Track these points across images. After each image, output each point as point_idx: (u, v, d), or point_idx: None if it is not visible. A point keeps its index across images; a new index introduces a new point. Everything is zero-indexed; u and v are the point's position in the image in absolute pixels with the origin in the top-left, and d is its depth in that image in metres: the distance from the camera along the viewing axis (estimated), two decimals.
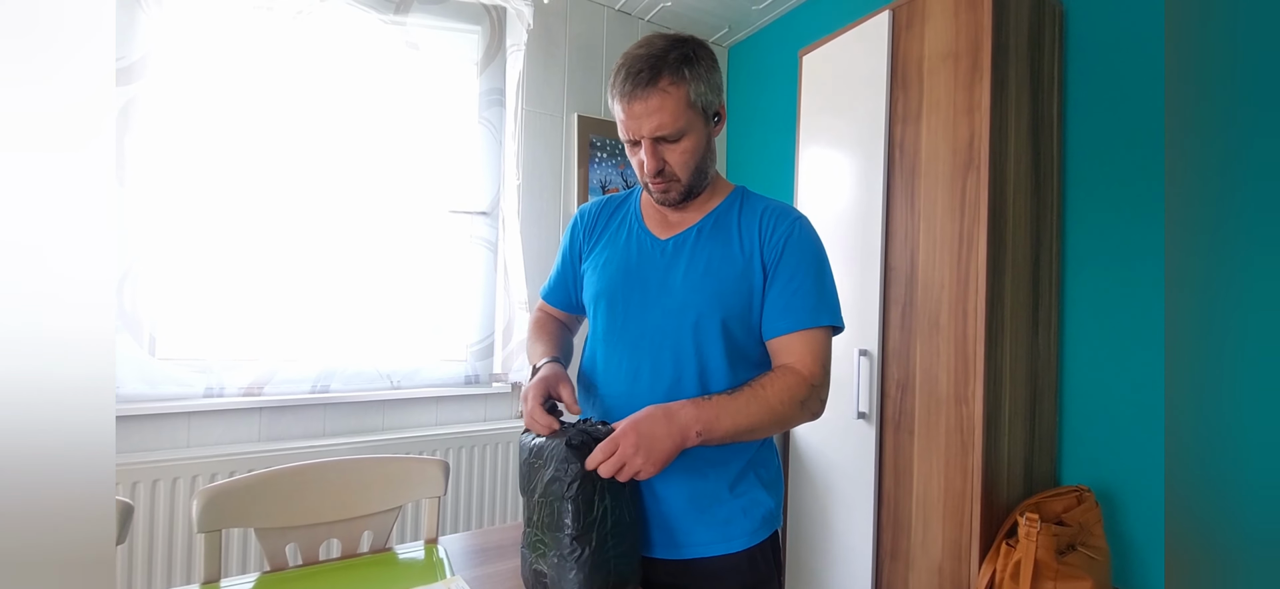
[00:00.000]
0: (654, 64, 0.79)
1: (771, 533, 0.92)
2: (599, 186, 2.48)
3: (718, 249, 0.89)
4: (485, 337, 2.24)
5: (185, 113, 1.76)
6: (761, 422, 0.82)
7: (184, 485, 1.68)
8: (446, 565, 1.06)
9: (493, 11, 2.23)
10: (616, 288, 0.92)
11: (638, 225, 0.95)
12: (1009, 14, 1.45)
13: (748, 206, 0.92)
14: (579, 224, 1.03)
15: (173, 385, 1.74)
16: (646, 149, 0.82)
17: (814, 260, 0.89)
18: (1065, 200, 1.59)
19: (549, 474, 0.79)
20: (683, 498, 0.88)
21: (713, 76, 0.85)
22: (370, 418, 2.05)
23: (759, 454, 0.93)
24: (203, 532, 1.03)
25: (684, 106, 0.81)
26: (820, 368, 0.85)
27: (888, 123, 1.64)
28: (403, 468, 1.22)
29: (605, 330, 0.93)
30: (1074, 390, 1.56)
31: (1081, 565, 1.29)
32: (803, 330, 0.85)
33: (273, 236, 1.89)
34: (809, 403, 0.85)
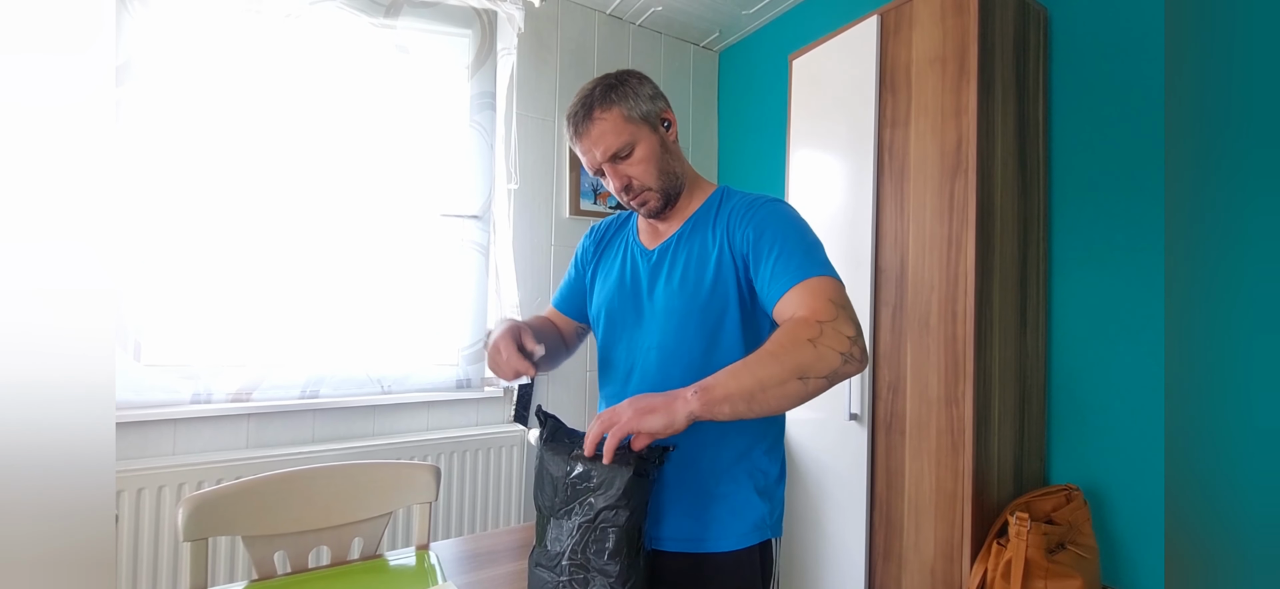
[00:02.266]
0: (585, 102, 0.90)
1: (762, 540, 0.89)
2: (591, 190, 2.48)
3: (695, 252, 0.91)
4: (476, 341, 2.23)
5: (171, 115, 1.74)
6: (767, 372, 0.73)
7: (170, 493, 1.66)
8: (438, 572, 1.05)
9: (483, 15, 2.23)
10: (613, 302, 0.98)
11: (633, 239, 1.02)
12: (995, 18, 1.46)
13: (724, 204, 0.93)
14: (588, 241, 1.11)
15: (159, 392, 1.71)
16: (608, 171, 0.91)
17: (793, 229, 0.86)
18: (1051, 202, 1.61)
19: (605, 500, 0.76)
20: (668, 490, 0.88)
21: (642, 89, 0.91)
22: (360, 423, 2.03)
23: (754, 458, 0.91)
24: (188, 540, 1.01)
25: (621, 123, 0.89)
26: (826, 304, 0.77)
27: (877, 126, 1.66)
28: (393, 473, 1.21)
29: (604, 342, 1.00)
30: (1062, 390, 1.58)
31: (1071, 564, 1.30)
32: (796, 285, 0.80)
33: (261, 241, 1.87)
34: (825, 341, 0.74)
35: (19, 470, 0.42)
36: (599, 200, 2.51)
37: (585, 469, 0.77)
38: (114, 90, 1.64)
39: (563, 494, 0.79)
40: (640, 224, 1.03)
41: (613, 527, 0.75)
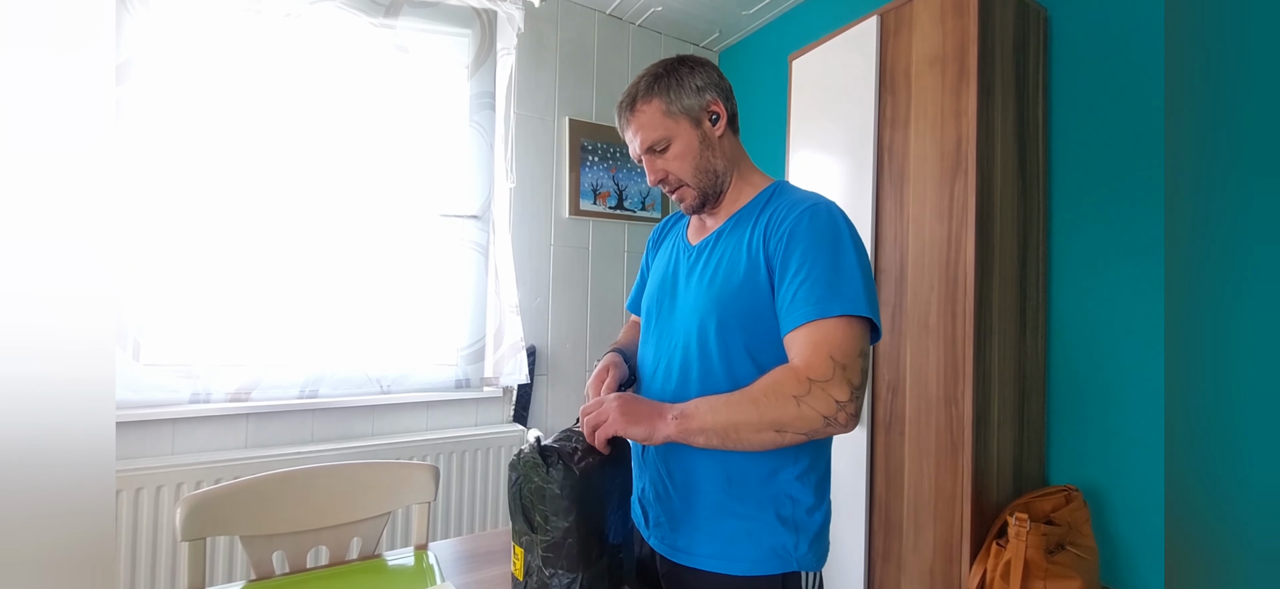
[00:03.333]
0: (630, 93, 0.91)
1: (782, 572, 0.82)
2: (590, 190, 2.48)
3: (730, 250, 0.87)
4: (476, 341, 2.23)
5: (170, 115, 1.74)
6: (744, 415, 0.74)
7: (169, 493, 1.66)
8: (436, 572, 1.05)
9: (483, 15, 2.23)
10: (655, 295, 0.98)
11: (682, 236, 1.01)
12: (994, 19, 1.46)
13: (771, 203, 0.88)
14: (651, 240, 1.13)
15: (158, 392, 1.71)
16: (646, 163, 0.91)
17: (824, 247, 0.78)
18: (1051, 203, 1.61)
19: (554, 505, 0.78)
20: (687, 501, 0.87)
21: (691, 80, 0.89)
22: (359, 423, 2.03)
23: (780, 484, 0.84)
24: (186, 540, 1.01)
25: (660, 117, 0.88)
26: (824, 360, 0.73)
27: (876, 127, 1.66)
28: (392, 473, 1.21)
29: (644, 334, 1.00)
30: (1061, 391, 1.58)
31: (1071, 564, 1.30)
32: (807, 324, 0.76)
33: (261, 240, 1.87)
34: (810, 401, 0.73)
35: (19, 470, 0.42)
36: (599, 200, 2.51)
37: (536, 485, 0.78)
38: (114, 89, 1.63)
39: (529, 508, 0.79)
40: (691, 219, 1.01)
41: (562, 538, 0.76)
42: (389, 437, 2.04)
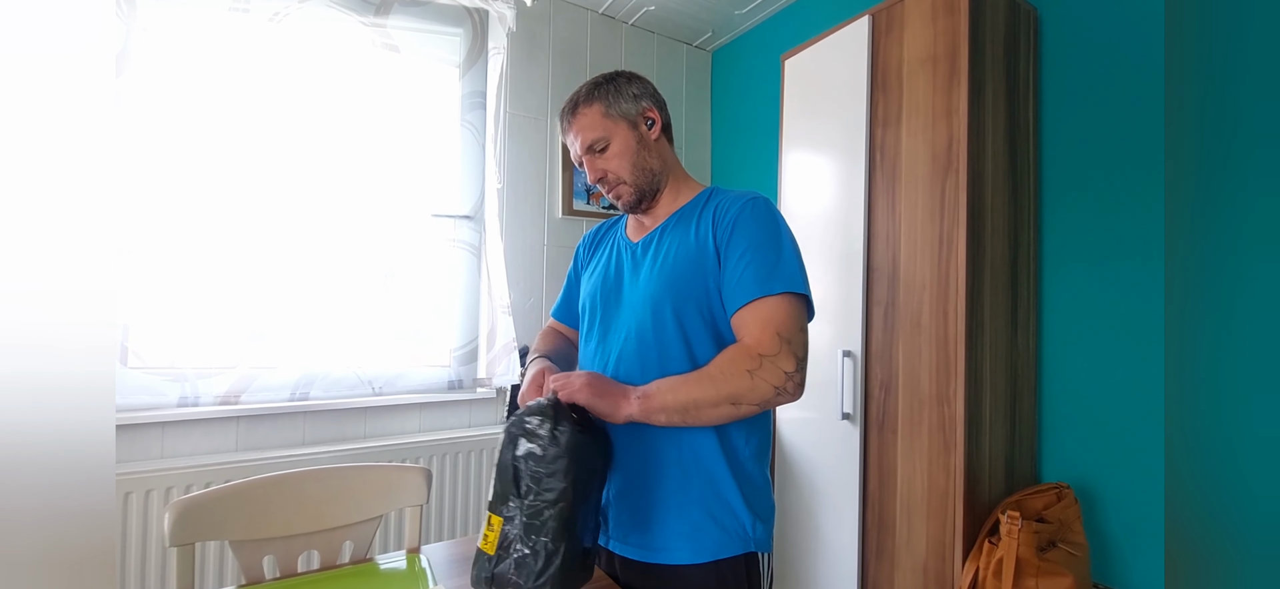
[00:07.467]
0: (572, 99, 0.98)
1: (746, 551, 0.88)
2: (584, 190, 2.47)
3: (677, 241, 0.93)
4: (468, 341, 2.22)
5: (158, 115, 1.72)
6: (703, 393, 0.81)
7: (157, 498, 1.64)
8: (429, 575, 1.04)
9: (474, 14, 2.22)
10: (596, 294, 1.02)
11: (620, 237, 1.05)
12: (985, 19, 1.47)
13: (713, 199, 0.96)
14: (581, 247, 1.16)
15: (145, 395, 1.69)
16: (586, 162, 0.97)
17: (765, 233, 0.87)
18: (1042, 202, 1.62)
19: (547, 468, 0.77)
20: (651, 496, 0.89)
21: (628, 89, 0.96)
22: (351, 425, 2.02)
23: (738, 467, 0.89)
24: (175, 545, 1.00)
25: (599, 119, 0.94)
26: (771, 336, 0.81)
27: (868, 126, 1.66)
28: (384, 476, 1.20)
29: (587, 333, 1.03)
30: (1052, 389, 1.59)
31: (1062, 561, 1.31)
32: (753, 302, 0.83)
33: (250, 241, 1.85)
34: (762, 374, 0.80)
35: (19, 470, 0.42)
36: (593, 200, 2.50)
37: (530, 448, 0.77)
38: (113, 85, 1.62)
39: (512, 482, 0.78)
40: (629, 222, 1.06)
41: (550, 505, 0.75)
42: (381, 439, 2.02)
